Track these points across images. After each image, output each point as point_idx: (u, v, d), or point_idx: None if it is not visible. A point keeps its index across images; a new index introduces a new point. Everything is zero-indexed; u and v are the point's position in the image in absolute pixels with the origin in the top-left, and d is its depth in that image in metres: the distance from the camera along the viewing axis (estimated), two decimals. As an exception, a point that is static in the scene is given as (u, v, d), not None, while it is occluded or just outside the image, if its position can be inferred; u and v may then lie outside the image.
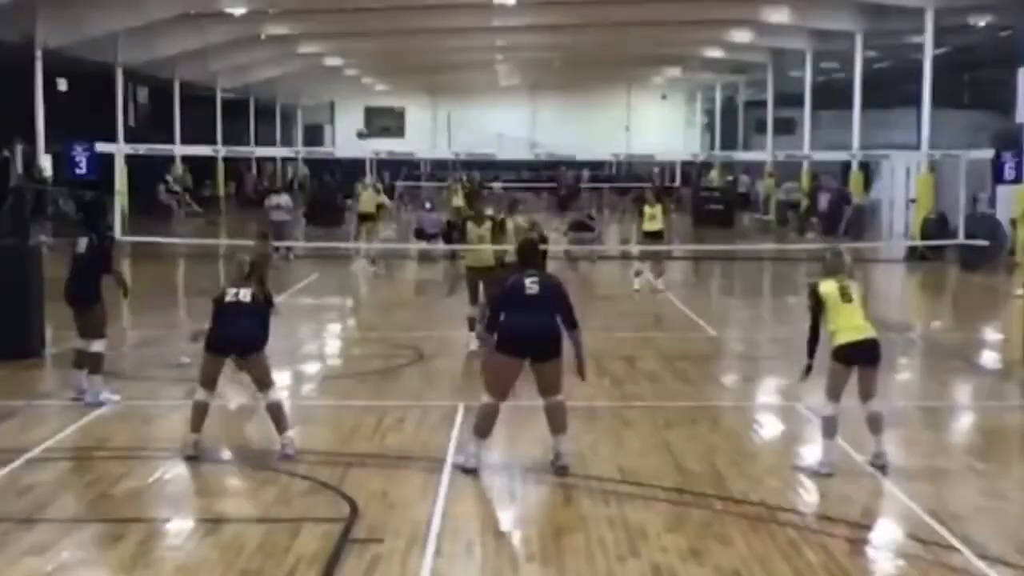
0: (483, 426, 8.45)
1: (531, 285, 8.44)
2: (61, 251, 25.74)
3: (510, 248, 13.08)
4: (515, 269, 9.08)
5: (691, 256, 26.73)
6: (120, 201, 26.13)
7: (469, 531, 7.23)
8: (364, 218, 24.36)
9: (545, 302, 8.44)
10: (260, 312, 9.07)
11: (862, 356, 8.43)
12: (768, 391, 12.05)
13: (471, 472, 8.26)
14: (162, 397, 11.14)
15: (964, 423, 10.94)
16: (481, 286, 13.08)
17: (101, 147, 23.19)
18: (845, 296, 8.44)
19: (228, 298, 9.06)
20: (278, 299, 11.10)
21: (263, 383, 9.01)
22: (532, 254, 9.03)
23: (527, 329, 8.37)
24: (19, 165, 31.49)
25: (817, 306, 8.55)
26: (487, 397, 8.46)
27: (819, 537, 7.03)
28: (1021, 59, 26.54)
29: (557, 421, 8.48)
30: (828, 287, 8.52)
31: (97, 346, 10.51)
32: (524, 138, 58.95)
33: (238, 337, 8.97)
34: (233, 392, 11.52)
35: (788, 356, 13.73)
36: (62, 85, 32.97)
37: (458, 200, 27.61)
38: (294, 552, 6.74)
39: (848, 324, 8.40)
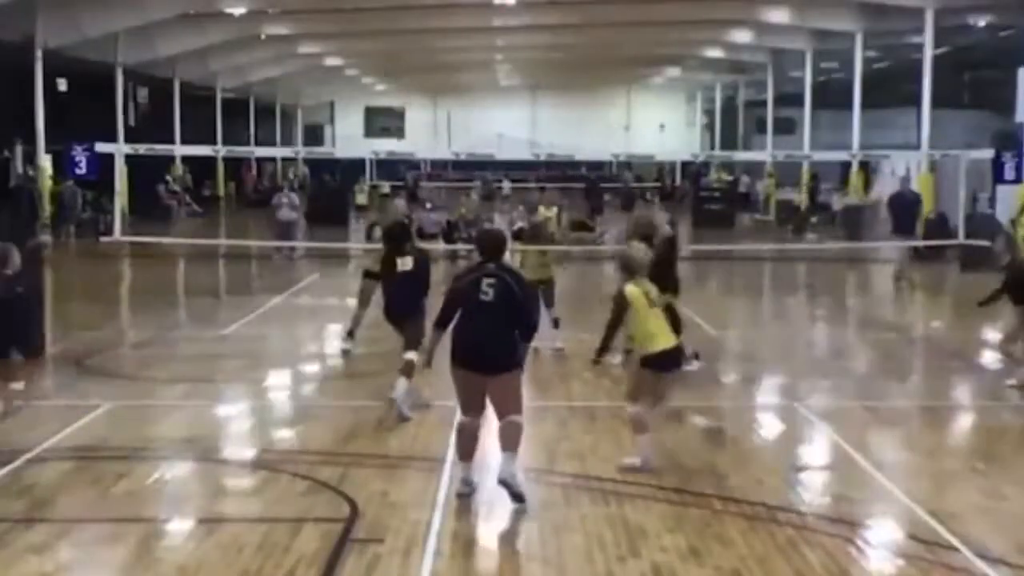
0: (461, 447, 7.83)
1: (487, 289, 7.57)
2: (62, 250, 25.77)
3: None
4: (474, 264, 8.21)
5: (691, 256, 26.71)
6: (120, 201, 26.13)
7: (469, 531, 7.23)
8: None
9: (501, 311, 7.54)
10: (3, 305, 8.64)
11: (673, 363, 8.45)
12: (768, 391, 12.05)
13: (465, 497, 7.69)
14: (162, 397, 11.14)
15: (964, 423, 10.93)
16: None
17: (101, 147, 23.27)
18: (651, 301, 8.35)
19: None
20: (279, 298, 11.10)
21: None
22: (494, 245, 8.05)
23: (477, 341, 7.56)
24: (19, 165, 31.50)
25: (622, 307, 8.36)
26: (460, 415, 7.86)
27: (819, 537, 7.02)
28: (1021, 59, 26.54)
29: (507, 439, 7.57)
30: (634, 292, 8.32)
31: (412, 355, 10.10)
32: (524, 138, 58.99)
33: None
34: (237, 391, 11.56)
35: (788, 356, 13.81)
36: (62, 85, 32.93)
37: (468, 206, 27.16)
38: (294, 552, 6.74)
39: (657, 330, 8.31)
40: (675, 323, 10.03)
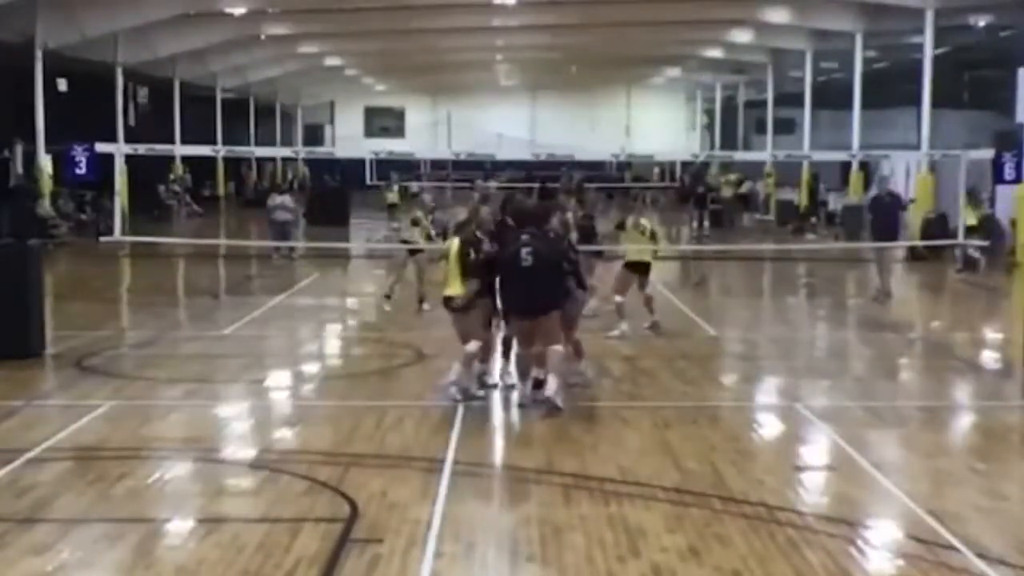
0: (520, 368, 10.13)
1: (526, 256, 9.22)
2: (61, 250, 25.75)
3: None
4: (514, 230, 9.87)
5: (692, 256, 26.72)
6: (120, 201, 26.10)
7: (469, 531, 7.22)
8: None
9: (539, 272, 9.25)
10: None
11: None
12: (768, 391, 12.05)
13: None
14: (162, 397, 11.14)
15: (964, 423, 10.92)
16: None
17: (101, 147, 23.20)
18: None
19: None
20: (279, 298, 11.14)
21: None
22: (524, 216, 9.90)
23: (522, 300, 9.40)
24: (19, 165, 31.49)
25: None
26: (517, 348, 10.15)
27: (819, 537, 7.02)
28: (1021, 59, 26.52)
29: (549, 361, 9.52)
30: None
31: None
32: (524, 138, 58.98)
33: None
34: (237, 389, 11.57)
35: (788, 356, 13.80)
36: (62, 85, 32.94)
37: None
38: (294, 552, 6.74)
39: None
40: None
